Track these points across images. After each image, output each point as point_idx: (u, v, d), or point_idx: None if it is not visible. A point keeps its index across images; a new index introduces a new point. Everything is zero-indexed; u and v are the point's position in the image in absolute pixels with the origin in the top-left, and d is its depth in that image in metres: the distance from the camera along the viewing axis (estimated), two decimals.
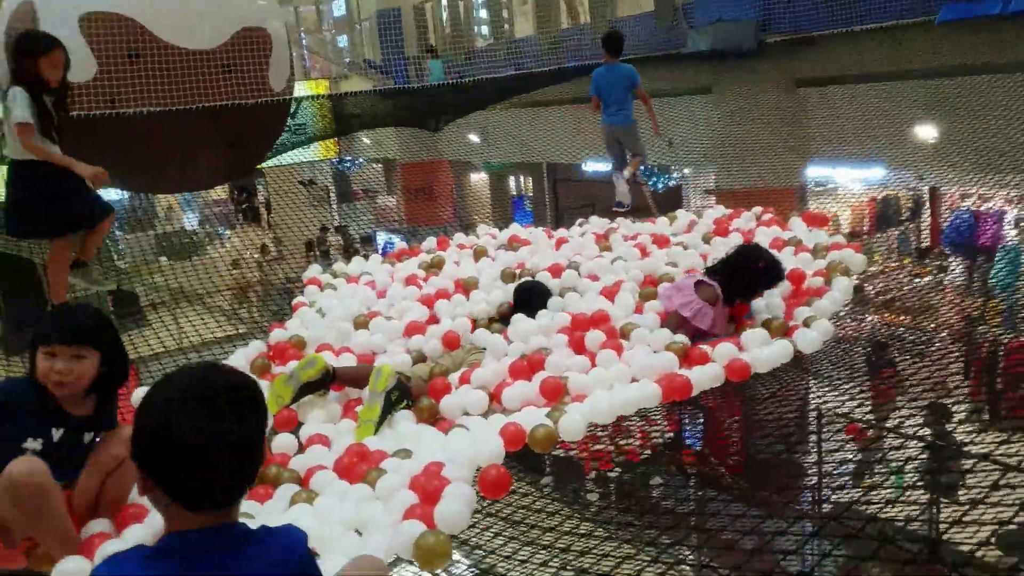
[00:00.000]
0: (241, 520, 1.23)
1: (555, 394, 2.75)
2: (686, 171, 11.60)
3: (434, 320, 3.76)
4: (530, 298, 3.74)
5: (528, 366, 3.00)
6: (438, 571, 2.07)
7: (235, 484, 1.21)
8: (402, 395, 2.85)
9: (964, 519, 1.92)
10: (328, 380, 3.00)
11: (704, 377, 2.85)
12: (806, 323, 3.28)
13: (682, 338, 3.13)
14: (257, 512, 2.23)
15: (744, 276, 3.34)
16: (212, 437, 1.15)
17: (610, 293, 3.73)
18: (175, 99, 5.51)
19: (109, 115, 5.34)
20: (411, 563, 1.96)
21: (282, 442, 2.73)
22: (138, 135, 5.49)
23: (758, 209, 5.05)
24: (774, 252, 3.72)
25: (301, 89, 9.40)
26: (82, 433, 2.10)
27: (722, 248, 4.25)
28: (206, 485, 1.17)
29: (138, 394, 3.36)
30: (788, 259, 3.97)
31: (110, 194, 8.44)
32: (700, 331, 3.27)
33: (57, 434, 2.04)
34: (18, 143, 3.22)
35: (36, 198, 3.32)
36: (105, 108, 5.36)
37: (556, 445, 2.44)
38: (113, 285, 4.73)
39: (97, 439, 2.14)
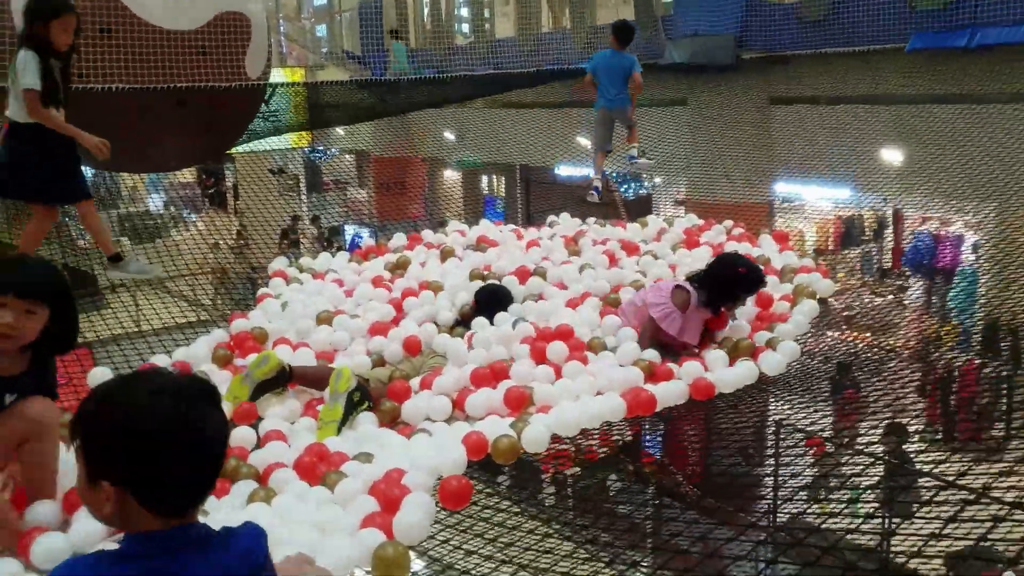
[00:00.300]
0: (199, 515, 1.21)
1: (519, 404, 2.75)
2: (657, 180, 11.70)
3: (398, 321, 3.74)
4: (492, 302, 3.76)
5: (491, 374, 3.00)
6: None
7: (208, 484, 1.18)
8: (363, 397, 2.83)
9: (921, 551, 1.95)
10: (284, 378, 2.96)
11: (669, 394, 2.87)
12: (770, 344, 3.32)
13: (652, 354, 3.15)
14: (214, 507, 2.18)
15: (724, 282, 3.38)
16: (197, 434, 1.12)
17: (575, 305, 3.75)
18: (145, 79, 5.37)
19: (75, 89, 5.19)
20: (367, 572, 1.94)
21: (240, 435, 2.67)
22: (104, 112, 5.34)
23: (729, 223, 5.11)
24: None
25: (277, 76, 9.25)
26: (3, 393, 1.97)
27: (690, 261, 4.29)
28: (186, 485, 1.14)
29: (95, 375, 3.27)
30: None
31: None
32: (669, 336, 3.29)
33: None
34: (24, 108, 3.18)
35: (30, 162, 3.28)
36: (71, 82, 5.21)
37: (518, 456, 2.43)
38: (160, 270, 4.42)
39: (14, 402, 1.99)
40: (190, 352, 3.51)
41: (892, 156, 7.70)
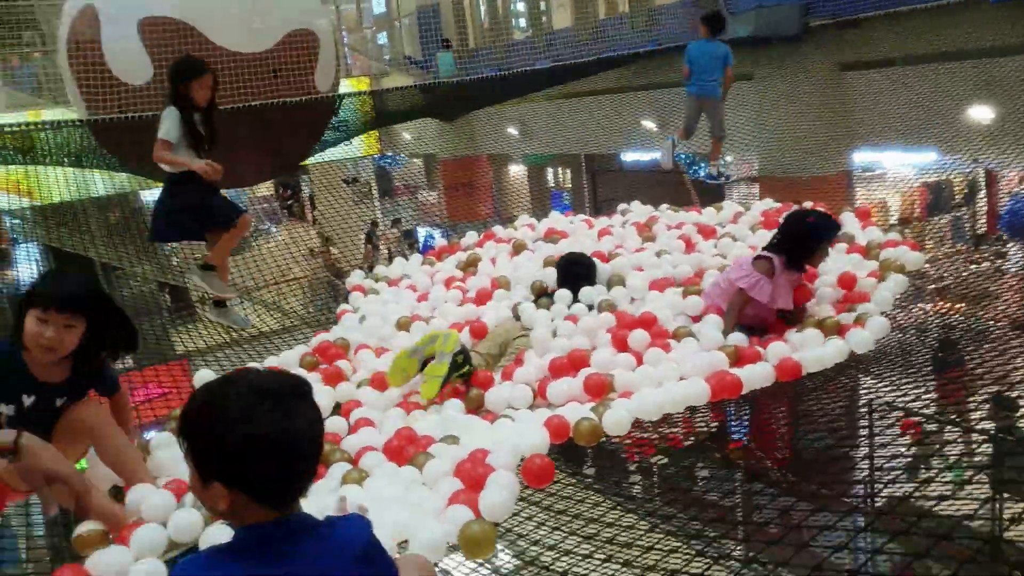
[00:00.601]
0: None
1: (600, 391, 2.75)
2: (728, 159, 11.40)
3: (476, 319, 3.80)
4: (573, 274, 3.71)
5: (570, 363, 3.01)
6: (481, 560, 2.09)
7: (310, 477, 1.25)
8: (466, 360, 2.95)
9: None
10: (468, 362, 3.02)
11: (755, 376, 2.81)
12: (858, 320, 3.21)
13: (738, 337, 3.08)
14: (312, 491, 2.28)
15: (799, 237, 3.34)
16: (298, 433, 1.18)
17: (658, 289, 3.71)
18: (223, 101, 5.61)
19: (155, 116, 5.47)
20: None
21: (334, 423, 2.80)
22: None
23: (809, 204, 4.92)
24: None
25: (344, 87, 9.52)
26: (54, 398, 2.16)
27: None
28: (293, 480, 1.20)
29: (201, 376, 3.46)
30: (840, 257, 3.89)
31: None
32: (760, 307, 3.26)
33: (28, 400, 2.10)
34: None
35: (172, 206, 3.66)
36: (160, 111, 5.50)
37: (600, 439, 2.44)
38: (250, 324, 4.62)
39: (64, 404, 2.18)
40: (280, 361, 3.66)
41: (980, 114, 7.26)
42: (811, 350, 2.99)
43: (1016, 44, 6.91)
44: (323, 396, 3.05)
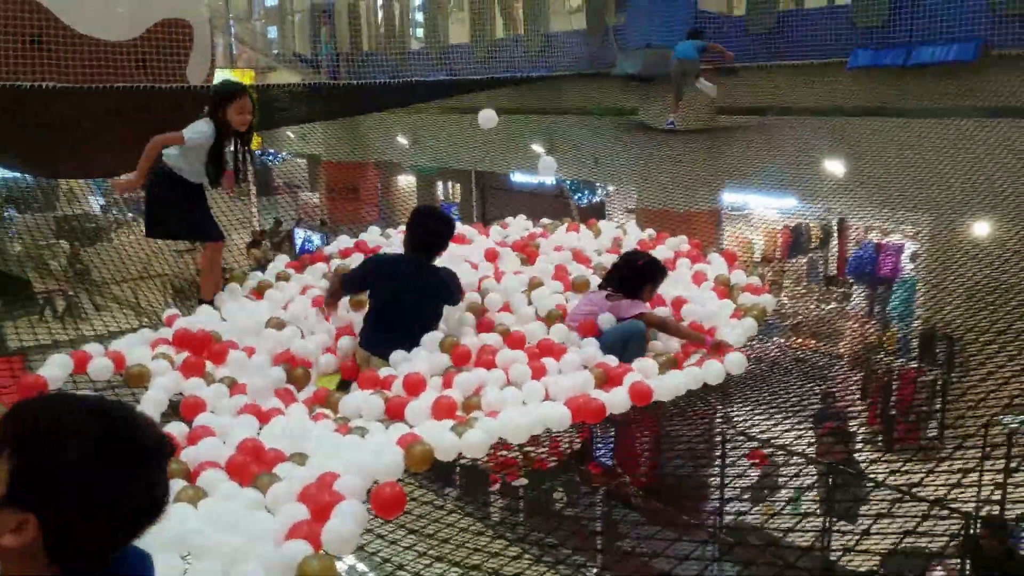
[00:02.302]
0: None
1: (448, 412, 2.71)
2: (610, 188, 11.82)
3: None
4: (429, 228, 3.56)
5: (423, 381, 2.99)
6: None
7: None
8: None
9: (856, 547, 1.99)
10: None
11: (614, 401, 2.85)
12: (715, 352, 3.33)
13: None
14: None
15: (632, 276, 3.64)
16: (133, 483, 1.00)
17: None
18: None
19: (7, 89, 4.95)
20: None
21: (174, 429, 2.53)
22: (42, 120, 5.13)
23: (683, 240, 5.04)
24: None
25: (225, 77, 9.06)
26: None
27: None
28: (105, 537, 1.01)
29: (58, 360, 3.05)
30: (707, 295, 4.05)
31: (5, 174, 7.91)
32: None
33: None
34: (181, 154, 3.56)
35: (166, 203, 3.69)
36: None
37: (428, 465, 2.32)
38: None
39: None
40: (128, 349, 3.28)
41: (835, 167, 7.92)
42: (665, 377, 3.06)
43: (866, 106, 7.62)
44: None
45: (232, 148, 3.66)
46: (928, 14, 7.17)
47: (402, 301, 3.32)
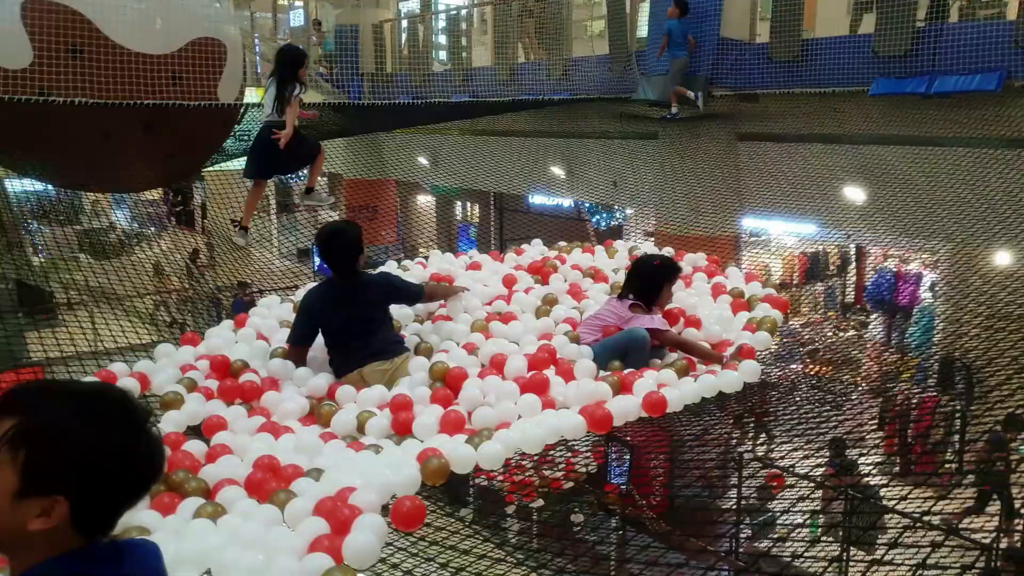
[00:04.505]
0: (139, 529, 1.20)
1: (457, 427, 2.72)
2: (628, 212, 11.84)
3: None
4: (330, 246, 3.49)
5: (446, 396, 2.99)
6: None
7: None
8: None
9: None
10: None
11: (623, 409, 2.84)
12: (728, 364, 3.33)
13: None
14: (159, 525, 2.12)
15: (648, 276, 3.69)
16: (138, 449, 1.11)
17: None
18: (113, 99, 5.26)
19: (38, 103, 5.07)
20: None
21: (194, 447, 2.60)
22: (71, 130, 5.25)
23: (701, 256, 5.06)
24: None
25: (251, 95, 9.22)
26: None
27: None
28: (122, 502, 1.13)
29: None
30: (723, 308, 4.06)
31: (38, 186, 8.08)
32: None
33: None
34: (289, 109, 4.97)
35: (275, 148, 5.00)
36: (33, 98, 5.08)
37: (445, 479, 2.34)
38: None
39: None
40: (152, 371, 3.35)
41: (854, 194, 7.90)
42: (677, 385, 3.04)
43: (887, 134, 7.61)
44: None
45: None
46: (950, 45, 7.18)
47: (358, 319, 3.37)
